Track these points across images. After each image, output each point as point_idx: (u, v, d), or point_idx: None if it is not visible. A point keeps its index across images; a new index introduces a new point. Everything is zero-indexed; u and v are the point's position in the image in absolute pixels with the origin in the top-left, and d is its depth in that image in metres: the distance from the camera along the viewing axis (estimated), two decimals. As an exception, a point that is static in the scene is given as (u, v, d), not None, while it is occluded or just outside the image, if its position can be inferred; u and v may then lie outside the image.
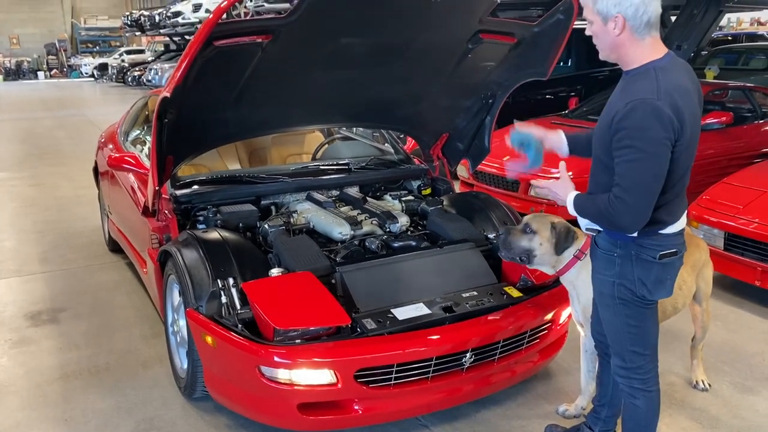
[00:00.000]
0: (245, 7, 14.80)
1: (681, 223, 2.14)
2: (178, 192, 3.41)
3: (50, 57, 34.70)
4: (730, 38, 16.45)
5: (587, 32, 2.08)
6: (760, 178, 4.43)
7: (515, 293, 2.88)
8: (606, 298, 2.20)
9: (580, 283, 2.54)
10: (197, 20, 18.92)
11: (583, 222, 2.20)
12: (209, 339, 2.60)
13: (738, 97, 7.06)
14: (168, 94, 2.66)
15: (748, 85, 7.03)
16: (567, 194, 2.16)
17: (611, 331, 2.24)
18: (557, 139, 2.36)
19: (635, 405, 2.26)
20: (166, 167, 3.19)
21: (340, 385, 2.46)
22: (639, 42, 1.98)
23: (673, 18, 9.47)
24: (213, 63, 2.67)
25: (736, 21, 22.08)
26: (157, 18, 22.87)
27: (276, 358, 2.42)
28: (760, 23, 21.00)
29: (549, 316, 2.88)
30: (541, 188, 2.28)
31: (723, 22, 19.81)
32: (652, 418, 2.29)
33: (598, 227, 2.15)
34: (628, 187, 1.94)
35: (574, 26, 3.00)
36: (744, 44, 13.62)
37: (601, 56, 2.09)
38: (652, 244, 2.07)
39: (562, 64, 10.03)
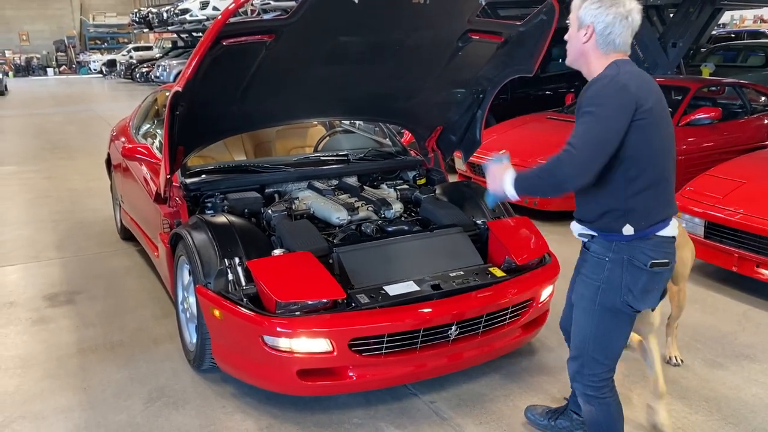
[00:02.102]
0: (252, 4, 15.04)
1: (673, 229, 2.15)
2: (188, 180, 3.65)
3: (59, 53, 35.11)
4: (732, 35, 16.57)
5: (565, 36, 2.22)
6: (741, 170, 4.64)
7: (499, 273, 3.11)
8: (586, 302, 2.22)
9: None
10: (204, 17, 19.19)
11: (577, 228, 2.23)
12: (217, 312, 2.85)
13: (732, 94, 7.26)
14: (180, 89, 2.91)
15: (740, 81, 7.23)
16: (505, 175, 2.17)
17: (579, 334, 2.28)
18: None
19: (590, 411, 2.33)
20: (177, 157, 3.43)
21: (335, 353, 2.70)
22: (602, 56, 2.12)
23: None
24: (221, 60, 2.90)
25: (738, 18, 22.17)
26: (165, 15, 23.16)
27: (278, 328, 2.66)
28: (763, 20, 21.09)
29: (530, 295, 3.11)
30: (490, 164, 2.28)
31: (726, 19, 19.93)
32: (612, 423, 2.34)
33: (592, 232, 2.17)
34: (578, 140, 2.00)
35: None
36: (742, 41, 13.75)
37: (568, 61, 2.22)
38: (646, 248, 2.10)
39: (561, 60, 10.20)
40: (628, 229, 2.09)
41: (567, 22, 2.25)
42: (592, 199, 2.15)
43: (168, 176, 3.39)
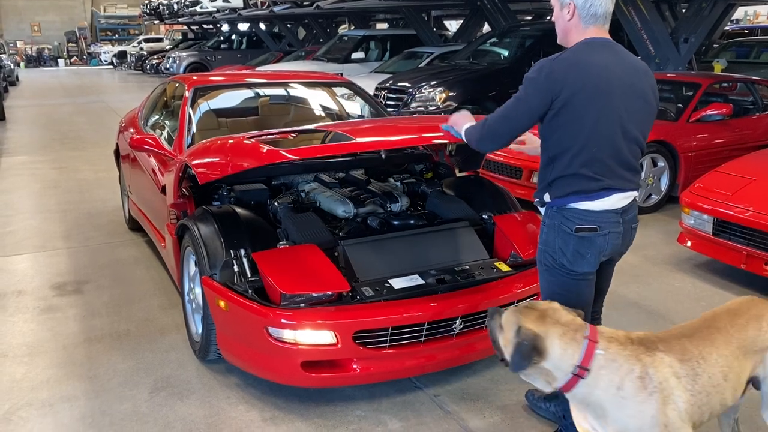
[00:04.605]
0: (262, -3, 14.99)
1: (605, 204, 2.22)
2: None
3: (70, 44, 35.29)
4: (746, 31, 16.41)
5: (553, 18, 2.34)
6: (751, 167, 4.60)
7: (504, 268, 3.10)
8: (538, 264, 2.41)
9: (595, 399, 1.94)
10: (214, 9, 19.21)
11: (538, 198, 2.34)
12: (222, 304, 2.86)
13: (744, 90, 7.19)
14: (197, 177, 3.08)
15: (752, 78, 7.16)
16: (463, 125, 2.44)
17: (542, 294, 2.45)
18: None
19: None
20: None
21: (339, 346, 2.70)
22: (583, 31, 2.24)
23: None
24: None
25: (752, 14, 21.95)
26: (175, 7, 23.23)
27: (282, 320, 2.67)
28: (777, 16, 20.87)
29: (535, 290, 3.09)
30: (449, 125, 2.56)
31: (739, 15, 19.74)
32: None
33: (545, 199, 2.31)
34: (496, 113, 2.28)
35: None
36: (755, 38, 13.62)
37: (558, 40, 2.35)
38: (571, 216, 2.23)
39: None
40: (547, 197, 2.30)
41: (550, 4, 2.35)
42: (540, 172, 2.35)
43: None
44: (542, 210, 2.38)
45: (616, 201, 2.26)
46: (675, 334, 2.04)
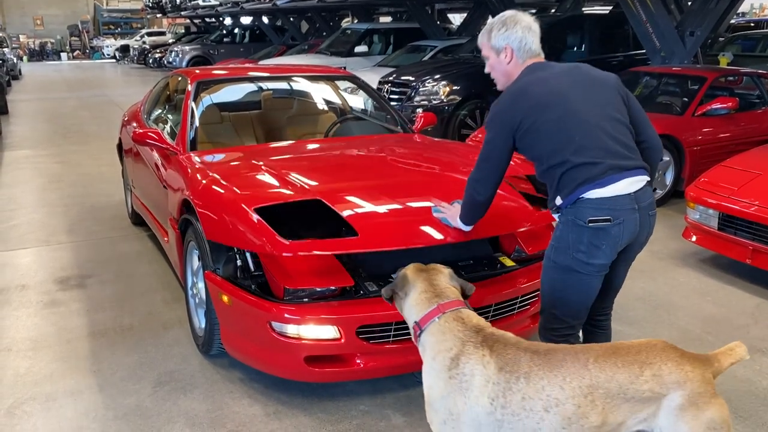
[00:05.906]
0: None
1: (617, 189, 2.23)
2: (198, 165, 3.64)
3: (73, 38, 35.29)
4: (752, 24, 16.33)
5: (486, 70, 2.50)
6: (757, 162, 4.57)
7: (509, 263, 3.09)
8: (545, 260, 2.44)
9: (423, 361, 2.04)
10: (217, 3, 19.16)
11: (551, 205, 2.39)
12: (226, 298, 2.85)
13: (750, 84, 7.14)
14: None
15: (758, 71, 7.11)
16: (456, 215, 2.70)
17: (542, 289, 2.47)
18: None
19: None
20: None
21: (343, 340, 2.69)
22: (521, 66, 2.43)
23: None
24: None
25: (759, 7, 21.82)
26: (178, 0, 23.16)
27: (286, 315, 2.66)
28: (783, 10, 20.74)
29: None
30: (440, 214, 2.81)
31: (745, 8, 19.62)
32: None
33: (556, 203, 2.34)
34: (477, 162, 2.46)
35: (586, 13, 3.20)
36: (762, 31, 13.53)
37: (499, 86, 2.51)
38: (586, 208, 2.24)
39: (575, 49, 10.13)
40: (558, 200, 2.34)
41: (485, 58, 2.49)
42: (547, 185, 2.42)
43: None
44: (557, 216, 2.39)
45: (628, 185, 2.26)
46: (528, 348, 1.90)
